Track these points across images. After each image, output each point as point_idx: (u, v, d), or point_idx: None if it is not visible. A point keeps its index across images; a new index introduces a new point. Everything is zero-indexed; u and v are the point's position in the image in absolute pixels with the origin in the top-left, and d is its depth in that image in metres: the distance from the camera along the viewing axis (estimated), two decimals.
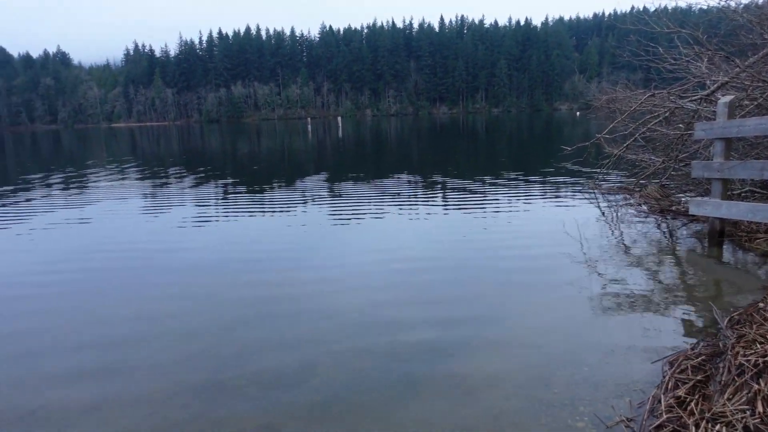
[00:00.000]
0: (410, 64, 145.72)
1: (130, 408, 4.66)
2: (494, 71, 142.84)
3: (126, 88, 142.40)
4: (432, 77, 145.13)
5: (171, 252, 9.72)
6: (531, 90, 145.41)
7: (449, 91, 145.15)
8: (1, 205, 16.18)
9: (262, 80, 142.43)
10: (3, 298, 7.64)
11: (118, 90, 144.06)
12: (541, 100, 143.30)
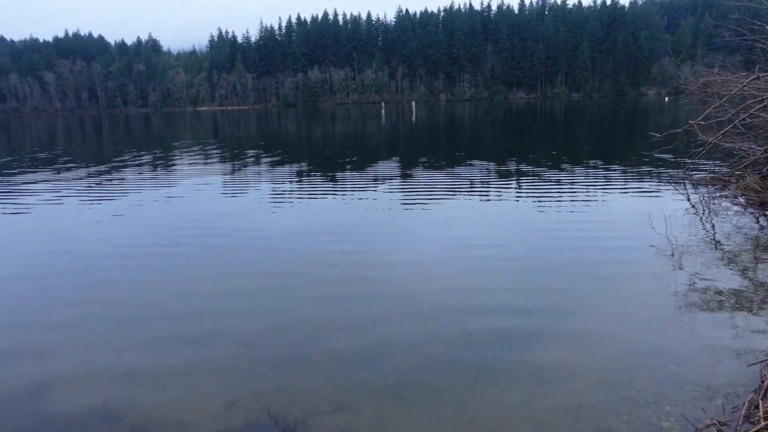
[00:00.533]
0: (487, 48, 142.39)
1: (214, 377, 4.93)
2: (576, 54, 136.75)
3: (210, 73, 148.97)
4: (509, 61, 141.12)
5: (250, 231, 10.11)
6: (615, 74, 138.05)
7: (527, 76, 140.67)
8: (98, 183, 17.48)
9: (338, 65, 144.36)
10: (102, 267, 8.29)
11: (203, 75, 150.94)
12: (626, 85, 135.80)
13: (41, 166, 23.53)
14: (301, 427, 4.08)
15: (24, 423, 4.33)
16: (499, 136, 34.94)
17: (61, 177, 19.33)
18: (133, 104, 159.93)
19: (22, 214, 12.74)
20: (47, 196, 15.01)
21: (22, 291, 7.46)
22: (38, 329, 6.16)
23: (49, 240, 10.18)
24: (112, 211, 12.61)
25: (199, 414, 4.35)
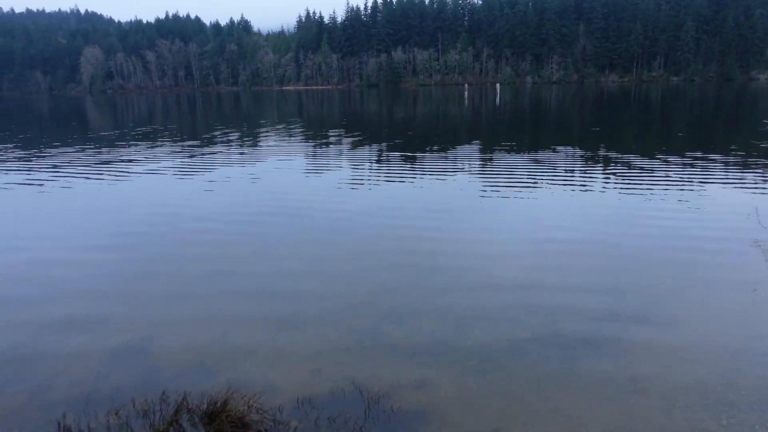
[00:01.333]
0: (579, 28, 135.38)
1: (300, 345, 5.17)
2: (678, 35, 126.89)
3: (297, 53, 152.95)
4: (603, 42, 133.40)
5: (331, 212, 10.29)
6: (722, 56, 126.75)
7: (621, 58, 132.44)
8: (190, 156, 18.55)
9: (422, 45, 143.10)
10: (194, 243, 8.90)
11: (290, 55, 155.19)
12: (734, 68, 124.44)
13: (142, 139, 25.30)
14: (385, 401, 4.17)
15: (131, 372, 4.74)
16: (587, 121, 33.34)
17: (159, 150, 20.70)
18: (224, 82, 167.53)
19: (126, 182, 13.83)
20: (149, 167, 16.16)
21: (127, 247, 8.17)
22: (141, 282, 6.72)
23: (150, 206, 11.00)
24: (204, 184, 13.37)
25: (287, 378, 4.56)
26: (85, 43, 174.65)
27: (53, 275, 7.23)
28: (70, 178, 14.73)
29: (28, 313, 6.05)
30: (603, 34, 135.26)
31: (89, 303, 6.29)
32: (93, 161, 18.06)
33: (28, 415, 4.19)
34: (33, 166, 17.22)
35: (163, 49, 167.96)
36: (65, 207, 11.46)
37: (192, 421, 3.92)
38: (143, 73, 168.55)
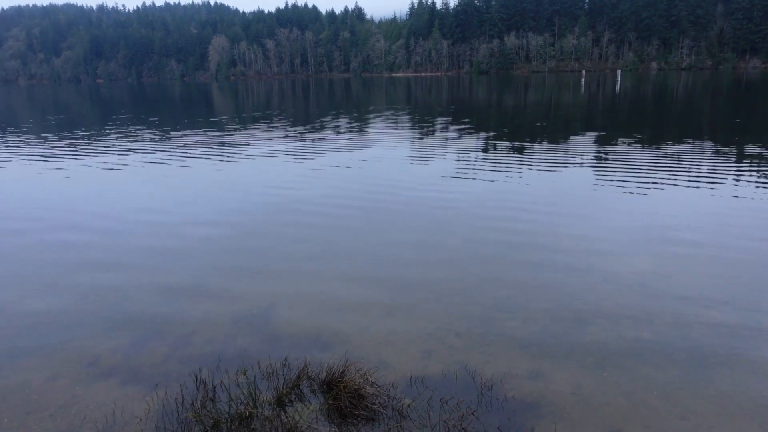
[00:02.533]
0: (716, 8, 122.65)
1: (412, 326, 5.28)
2: None
3: (408, 40, 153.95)
4: (745, 23, 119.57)
5: (435, 200, 10.25)
6: None
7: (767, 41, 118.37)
8: (301, 141, 19.42)
9: (537, 30, 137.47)
10: (303, 224, 9.34)
11: (401, 42, 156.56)
12: None
13: (258, 123, 26.90)
14: (498, 388, 4.17)
15: (255, 338, 5.14)
16: (721, 112, 30.26)
17: (273, 134, 21.90)
18: (336, 69, 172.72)
19: (241, 164, 14.83)
20: (263, 150, 17.19)
21: (242, 225, 8.80)
22: (257, 257, 7.22)
23: (261, 187, 11.71)
24: (312, 168, 13.97)
25: (398, 357, 4.69)
26: (213, 33, 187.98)
27: (179, 247, 7.97)
28: (192, 158, 16.06)
29: (163, 279, 6.74)
30: (746, 14, 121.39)
31: (213, 273, 6.86)
32: (214, 142, 19.54)
33: (170, 367, 4.68)
34: (162, 146, 18.98)
35: (282, 38, 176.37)
36: (187, 186, 12.53)
37: (312, 388, 4.18)
38: (263, 60, 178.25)
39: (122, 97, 69.21)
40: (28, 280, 6.78)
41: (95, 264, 7.27)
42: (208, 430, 3.76)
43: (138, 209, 10.14)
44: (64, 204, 10.85)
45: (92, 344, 5.10)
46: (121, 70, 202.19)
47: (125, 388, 4.37)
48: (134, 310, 5.84)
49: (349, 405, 3.84)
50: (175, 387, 4.31)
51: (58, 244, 8.17)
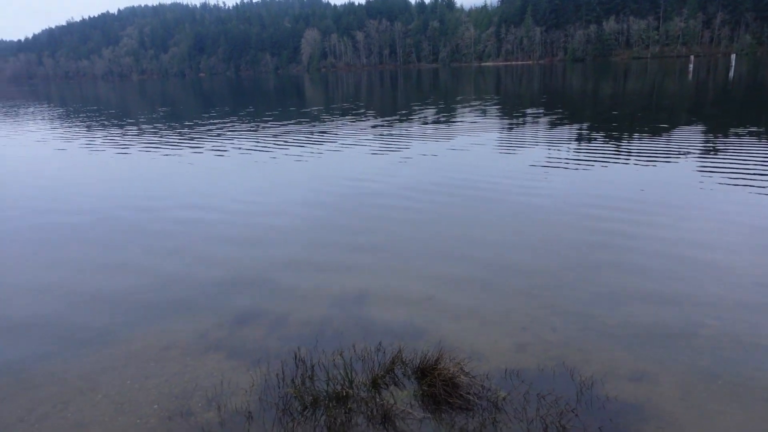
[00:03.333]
0: None
1: (503, 318, 5.21)
2: None
3: (498, 27, 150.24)
4: None
5: (525, 192, 9.92)
6: None
7: None
8: (388, 131, 19.56)
9: (639, 14, 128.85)
10: (388, 211, 9.43)
11: (491, 30, 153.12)
12: None
13: (346, 114, 27.43)
14: (598, 387, 4.01)
15: (350, 320, 5.29)
16: None
17: (361, 124, 22.24)
18: (425, 60, 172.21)
19: (329, 154, 15.20)
20: (350, 140, 17.52)
21: (331, 213, 9.03)
22: (351, 244, 7.38)
23: (351, 175, 11.94)
24: (400, 157, 14.04)
25: (492, 348, 4.64)
26: (306, 26, 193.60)
27: (273, 234, 8.32)
28: (285, 147, 16.68)
29: (259, 265, 7.08)
30: None
31: (306, 259, 7.11)
32: (305, 132, 20.17)
33: (270, 344, 4.93)
34: (258, 135, 19.87)
35: (371, 29, 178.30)
36: (279, 174, 13.02)
37: (405, 373, 4.24)
38: (352, 51, 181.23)
39: (221, 90, 73.26)
40: (135, 260, 7.39)
41: (195, 248, 7.78)
42: (308, 406, 3.92)
43: (233, 197, 10.69)
44: (174, 188, 11.68)
45: (200, 319, 5.48)
46: (221, 64, 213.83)
47: (230, 361, 4.66)
48: (234, 291, 6.19)
49: (444, 393, 3.85)
50: (275, 363, 4.53)
51: (161, 229, 8.82)
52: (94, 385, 4.39)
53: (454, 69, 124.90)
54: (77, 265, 7.20)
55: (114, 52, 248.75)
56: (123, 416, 3.97)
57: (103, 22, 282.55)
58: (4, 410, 4.09)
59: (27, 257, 7.61)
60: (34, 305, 5.97)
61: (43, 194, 11.71)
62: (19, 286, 6.55)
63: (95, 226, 9.03)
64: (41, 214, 9.97)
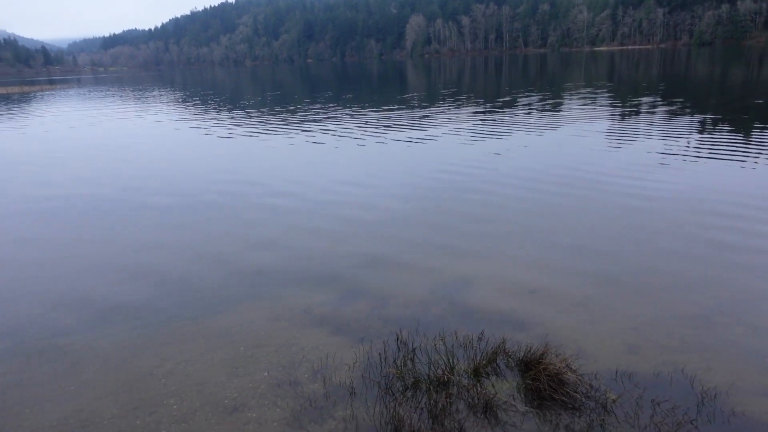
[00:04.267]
0: None
1: (612, 318, 4.95)
2: None
3: (614, 9, 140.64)
4: None
5: (635, 189, 9.16)
6: None
7: None
8: (490, 119, 19.06)
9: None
10: (482, 202, 9.20)
11: (607, 12, 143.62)
12: None
13: (447, 100, 27.12)
14: (722, 399, 3.69)
15: (452, 306, 5.28)
16: None
17: (461, 111, 21.89)
18: (532, 44, 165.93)
19: (430, 140, 15.09)
20: (449, 127, 17.31)
21: (429, 200, 8.98)
22: (449, 232, 7.32)
23: (449, 163, 11.79)
24: (501, 146, 13.65)
25: (601, 347, 4.41)
26: (412, 12, 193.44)
27: (372, 217, 8.46)
28: (384, 133, 16.81)
29: (359, 247, 7.24)
30: None
31: (405, 243, 7.16)
32: (405, 118, 20.22)
33: (372, 324, 5.04)
34: (357, 121, 20.21)
35: (478, 14, 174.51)
36: (377, 160, 13.15)
37: (508, 365, 4.15)
38: (457, 37, 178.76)
39: (326, 75, 75.46)
40: (246, 236, 7.83)
41: (300, 227, 8.10)
42: (408, 387, 3.97)
43: (335, 180, 10.98)
44: (277, 172, 12.25)
45: (306, 295, 5.72)
46: (328, 50, 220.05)
47: (334, 337, 4.83)
48: (337, 270, 6.39)
49: (549, 388, 3.73)
50: (377, 343, 4.63)
51: (270, 207, 9.27)
52: (212, 348, 4.74)
53: (564, 54, 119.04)
54: (188, 240, 7.79)
55: (230, 39, 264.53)
56: (237, 379, 4.25)
57: (222, 11, 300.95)
58: (138, 364, 4.54)
59: (145, 230, 8.35)
60: (158, 274, 6.54)
61: (152, 174, 12.77)
62: (142, 256, 7.21)
63: (204, 205, 9.70)
64: (150, 195, 10.86)
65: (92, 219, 8.98)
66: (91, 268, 6.78)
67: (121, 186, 11.27)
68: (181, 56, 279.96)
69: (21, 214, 9.51)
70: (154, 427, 3.74)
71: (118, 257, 7.11)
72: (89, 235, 8.14)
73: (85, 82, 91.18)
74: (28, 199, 10.50)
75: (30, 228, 8.63)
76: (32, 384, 4.31)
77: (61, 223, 8.85)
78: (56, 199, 10.43)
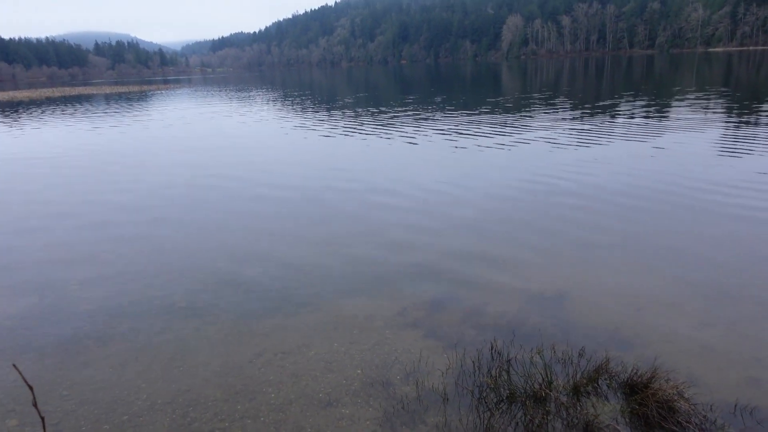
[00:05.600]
0: None
1: (731, 362, 4.56)
2: None
3: (735, 7, 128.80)
4: None
5: (749, 208, 8.28)
6: None
7: None
8: (585, 124, 18.12)
9: None
10: (602, 213, 8.76)
11: (726, 10, 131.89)
12: None
13: (541, 104, 26.19)
14: None
15: (548, 319, 5.09)
16: None
17: (555, 116, 21.05)
18: (638, 45, 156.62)
19: (521, 144, 14.62)
20: (546, 132, 16.68)
21: (523, 204, 8.69)
22: (546, 238, 7.05)
23: (541, 170, 11.32)
24: (599, 153, 12.94)
25: (716, 377, 4.06)
26: (509, 12, 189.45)
27: (466, 219, 8.34)
28: (472, 137, 16.52)
29: (454, 248, 7.16)
30: None
31: (500, 247, 7.00)
32: (496, 122, 19.77)
33: (466, 330, 4.97)
34: (449, 123, 20.01)
35: (579, 13, 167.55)
36: (466, 163, 12.92)
37: (611, 386, 3.93)
38: (556, 38, 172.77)
39: (419, 76, 75.69)
40: (347, 230, 8.01)
41: (398, 224, 8.16)
42: (503, 399, 3.87)
43: (432, 179, 10.97)
44: (376, 171, 12.41)
45: (400, 295, 5.76)
46: (422, 51, 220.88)
47: (427, 341, 4.81)
48: (433, 271, 6.37)
49: (658, 415, 3.48)
50: (471, 350, 4.56)
51: (370, 204, 9.42)
52: (308, 342, 4.89)
53: (674, 55, 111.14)
54: (290, 235, 8.10)
55: (328, 41, 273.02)
56: (331, 374, 4.36)
57: (322, 15, 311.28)
58: (239, 351, 4.78)
59: (250, 227, 8.78)
60: (261, 267, 6.86)
61: (256, 168, 13.38)
62: (246, 250, 7.59)
63: (304, 202, 10.04)
64: (257, 186, 11.38)
65: (212, 206, 9.62)
66: (205, 252, 7.27)
67: (232, 177, 11.96)
68: (281, 58, 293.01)
69: (153, 196, 10.38)
70: (253, 413, 3.93)
71: (232, 244, 7.56)
72: (208, 221, 8.74)
73: (195, 81, 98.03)
74: (157, 185, 11.43)
75: (164, 209, 9.42)
76: (148, 361, 4.67)
77: (184, 209, 9.58)
78: (177, 186, 11.30)
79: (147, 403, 4.09)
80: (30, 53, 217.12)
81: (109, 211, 9.71)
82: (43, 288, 6.34)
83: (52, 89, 77.61)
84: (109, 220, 9.12)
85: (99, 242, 7.96)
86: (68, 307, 5.79)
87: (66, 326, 5.36)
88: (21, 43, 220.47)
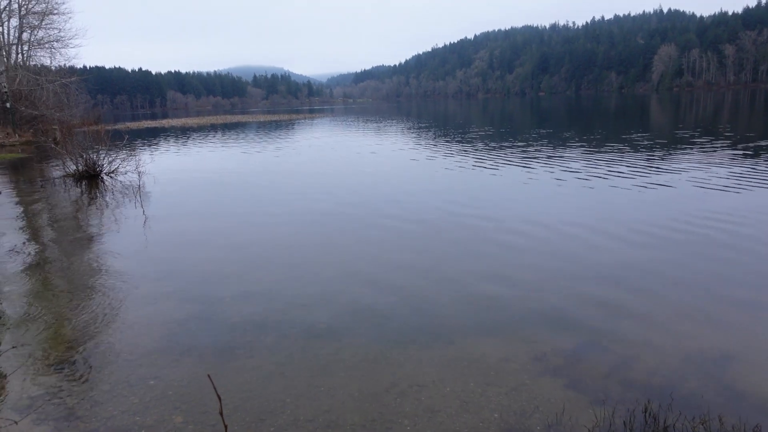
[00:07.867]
0: None
1: None
2: None
3: None
4: None
5: None
6: None
7: None
8: (754, 169, 16.03)
9: None
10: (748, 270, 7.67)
11: None
12: None
13: (698, 141, 23.80)
14: None
15: (709, 385, 4.52)
16: None
17: (711, 155, 18.95)
18: None
19: (670, 185, 13.29)
20: (693, 174, 15.08)
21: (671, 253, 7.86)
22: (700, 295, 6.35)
23: (678, 216, 10.20)
24: (757, 202, 11.38)
25: None
26: (662, 42, 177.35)
27: (592, 264, 7.74)
28: (613, 176, 15.38)
29: (597, 291, 6.68)
30: None
31: (646, 297, 6.40)
32: (640, 159, 18.28)
33: (612, 386, 4.59)
34: (591, 158, 18.90)
35: (746, 41, 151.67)
36: (606, 203, 12.02)
37: None
38: (716, 68, 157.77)
39: (557, 108, 73.16)
40: (478, 267, 7.87)
41: (529, 266, 7.85)
42: None
43: (563, 221, 10.40)
44: (506, 207, 12.13)
45: (538, 338, 5.50)
46: (562, 83, 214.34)
47: (569, 392, 4.52)
48: (573, 315, 6.01)
49: None
50: (621, 410, 4.20)
51: (500, 243, 9.19)
52: (443, 377, 4.84)
53: None
54: (428, 263, 8.15)
55: (465, 73, 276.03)
56: (467, 414, 4.26)
57: (461, 47, 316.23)
58: (374, 378, 4.87)
59: (388, 249, 8.98)
60: (399, 292, 6.98)
61: (392, 199, 13.69)
62: (384, 273, 7.76)
63: (440, 232, 10.06)
64: (384, 218, 11.63)
65: (345, 235, 10.09)
66: (342, 276, 7.60)
67: (365, 204, 12.44)
68: (418, 89, 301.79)
69: (299, 217, 11.17)
70: None
71: (364, 271, 7.82)
72: (343, 248, 9.16)
73: (337, 111, 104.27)
74: (308, 211, 12.27)
75: (304, 230, 10.09)
76: (292, 377, 4.94)
77: (320, 237, 10.13)
78: (313, 213, 12.02)
79: (291, 417, 4.30)
80: (200, 85, 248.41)
81: (253, 233, 10.58)
82: (202, 298, 7.02)
83: (215, 116, 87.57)
84: (254, 241, 9.91)
85: (243, 260, 8.66)
86: (222, 318, 6.34)
87: (221, 334, 5.87)
88: (194, 76, 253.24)
